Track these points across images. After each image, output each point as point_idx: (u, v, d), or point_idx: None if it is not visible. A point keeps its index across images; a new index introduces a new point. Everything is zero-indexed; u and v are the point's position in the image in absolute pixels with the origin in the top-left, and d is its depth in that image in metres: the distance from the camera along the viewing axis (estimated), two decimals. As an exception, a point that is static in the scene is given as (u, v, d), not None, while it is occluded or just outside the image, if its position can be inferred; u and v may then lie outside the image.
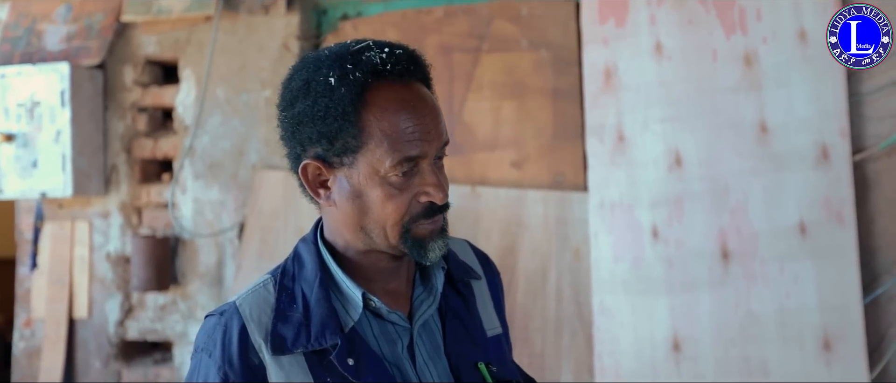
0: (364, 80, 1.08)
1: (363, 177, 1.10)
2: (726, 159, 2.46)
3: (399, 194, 1.10)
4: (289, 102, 1.13)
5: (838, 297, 2.37)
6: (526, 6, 2.80)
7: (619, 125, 2.57)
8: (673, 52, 2.53)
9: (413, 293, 1.22)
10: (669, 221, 2.49)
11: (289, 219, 2.92)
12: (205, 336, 1.16)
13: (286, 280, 1.18)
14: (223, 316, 1.16)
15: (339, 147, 1.09)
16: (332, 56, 1.11)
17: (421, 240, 1.13)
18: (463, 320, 1.24)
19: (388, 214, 1.11)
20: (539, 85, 2.77)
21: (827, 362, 2.37)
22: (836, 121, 2.40)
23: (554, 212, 2.69)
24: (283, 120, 1.15)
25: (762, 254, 2.41)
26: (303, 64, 1.14)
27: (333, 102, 1.08)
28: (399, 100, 1.09)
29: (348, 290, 1.15)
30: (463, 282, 1.27)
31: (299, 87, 1.11)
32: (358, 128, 1.08)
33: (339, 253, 1.18)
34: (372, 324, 1.16)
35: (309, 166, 1.13)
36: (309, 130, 1.10)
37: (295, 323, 1.13)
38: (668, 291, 2.48)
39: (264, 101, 3.04)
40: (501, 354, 1.30)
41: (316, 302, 1.14)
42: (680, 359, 2.45)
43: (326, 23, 3.05)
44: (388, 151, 1.08)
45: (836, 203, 2.39)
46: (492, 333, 1.29)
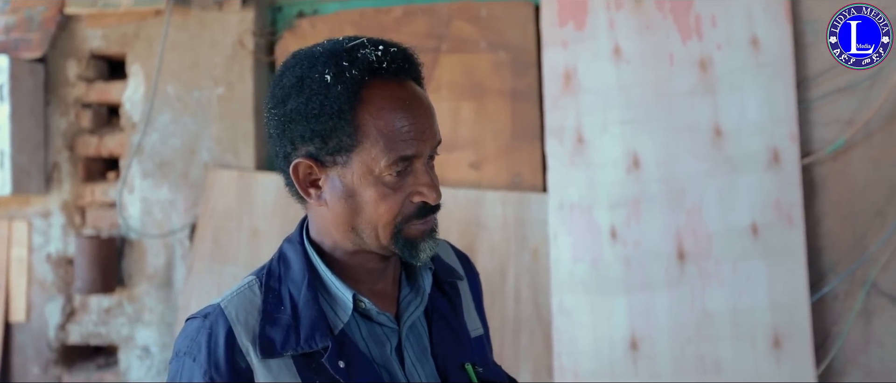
0: (360, 77, 1.06)
1: (357, 176, 1.08)
2: (682, 161, 2.51)
3: (393, 194, 1.08)
4: (280, 99, 1.10)
5: (787, 296, 2.45)
6: (485, 8, 2.81)
7: (578, 127, 2.60)
8: (631, 55, 2.57)
9: (399, 294, 1.20)
10: (627, 222, 2.53)
11: (243, 219, 2.85)
12: (188, 339, 1.12)
13: (272, 281, 1.15)
14: (207, 318, 1.12)
15: (333, 146, 1.07)
16: (326, 53, 1.08)
17: (412, 240, 1.11)
18: (449, 321, 1.23)
19: (381, 214, 1.09)
20: (498, 86, 2.78)
21: (777, 359, 2.44)
22: (786, 125, 2.48)
23: (512, 213, 2.70)
24: (272, 117, 1.11)
25: (716, 255, 2.47)
26: (295, 60, 1.11)
27: (329, 100, 1.05)
28: (395, 98, 1.07)
29: (337, 292, 1.13)
30: (449, 283, 1.26)
31: (292, 84, 1.08)
32: (353, 126, 1.05)
33: (326, 253, 1.16)
34: (360, 326, 1.14)
35: (300, 165, 1.10)
36: (301, 128, 1.07)
37: (283, 326, 1.10)
38: (626, 291, 2.52)
39: (217, 99, 2.97)
40: (484, 355, 1.29)
41: (304, 303, 1.11)
42: (637, 358, 2.50)
43: (282, 20, 3.00)
44: (384, 150, 1.06)
45: (785, 205, 2.47)
46: (475, 334, 1.29)
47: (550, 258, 2.59)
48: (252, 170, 2.91)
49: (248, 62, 2.93)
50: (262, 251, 2.83)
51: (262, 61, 2.98)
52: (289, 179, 1.14)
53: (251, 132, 2.93)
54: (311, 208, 1.15)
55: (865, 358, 2.52)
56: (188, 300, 2.87)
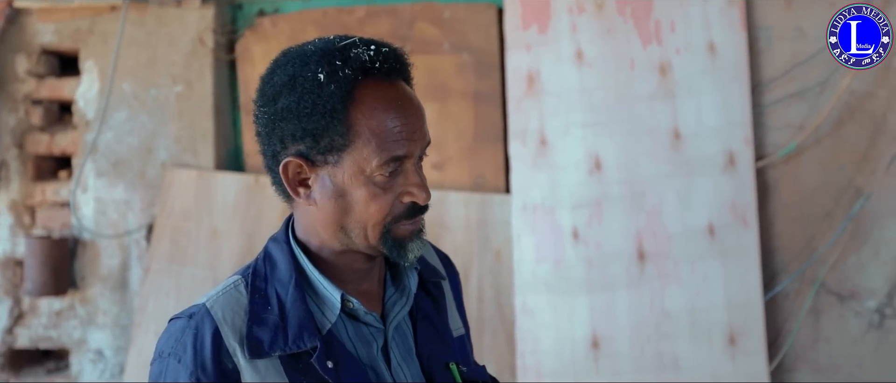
0: (354, 77, 1.06)
1: (348, 176, 1.08)
2: (643, 164, 2.57)
3: (383, 194, 1.09)
4: (270, 98, 1.09)
5: (742, 295, 2.52)
6: (448, 9, 2.82)
7: (541, 129, 2.63)
8: (593, 59, 2.62)
9: (384, 294, 1.21)
10: (589, 223, 2.58)
11: (202, 219, 2.81)
12: (172, 340, 1.10)
13: (258, 281, 1.14)
14: (192, 318, 1.10)
15: (325, 145, 1.07)
16: (318, 52, 1.08)
17: (401, 240, 1.12)
18: (433, 321, 1.24)
19: (371, 214, 1.09)
20: (461, 88, 2.80)
21: (732, 356, 2.52)
22: (741, 130, 2.56)
23: (475, 214, 2.72)
24: (261, 115, 1.11)
25: (675, 255, 2.53)
26: (286, 58, 1.10)
27: (322, 99, 1.05)
28: (387, 98, 1.07)
29: (325, 292, 1.13)
30: (433, 283, 1.27)
31: (284, 83, 1.07)
32: (346, 126, 1.06)
33: (313, 253, 1.15)
34: (347, 326, 1.14)
35: (290, 164, 1.09)
36: (292, 127, 1.07)
37: (271, 326, 1.09)
38: (588, 291, 2.56)
39: (176, 97, 2.92)
40: (466, 354, 1.31)
41: (292, 303, 1.11)
42: (599, 357, 2.54)
43: (242, 18, 2.97)
44: (376, 150, 1.06)
45: (741, 207, 2.54)
46: (457, 334, 1.30)
47: (513, 258, 2.62)
48: (211, 170, 2.87)
49: (208, 60, 2.89)
50: (222, 252, 2.79)
51: (222, 59, 2.94)
52: (277, 178, 1.13)
53: (211, 131, 2.89)
54: (299, 207, 1.15)
55: (814, 354, 2.61)
56: (145, 301, 2.81)
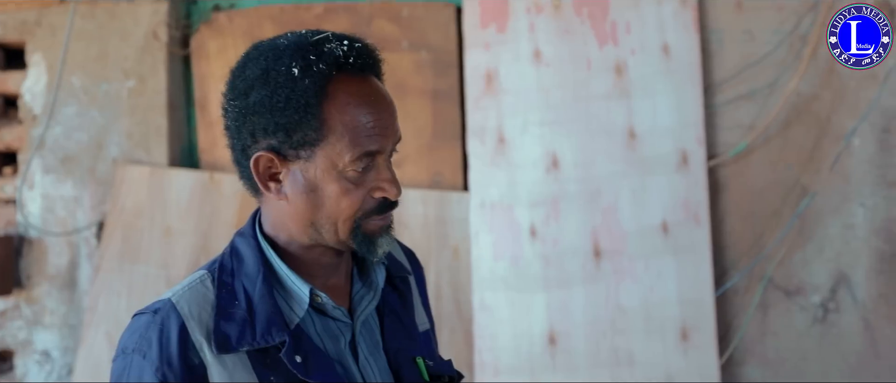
0: (328, 72, 1.06)
1: (320, 170, 1.08)
2: (599, 162, 2.61)
3: (355, 189, 1.09)
4: (242, 91, 1.08)
5: (694, 291, 2.59)
6: (406, 8, 2.82)
7: (499, 127, 2.66)
8: (551, 59, 2.65)
9: (352, 289, 1.21)
10: (546, 221, 2.61)
11: (155, 217, 2.76)
12: (136, 336, 1.09)
13: (225, 275, 1.13)
14: (158, 313, 1.09)
15: (298, 139, 1.07)
16: (292, 46, 1.08)
17: (371, 235, 1.12)
18: (400, 316, 1.25)
19: (343, 209, 1.09)
20: (419, 86, 2.81)
21: (684, 351, 2.58)
22: (693, 129, 2.62)
23: (433, 212, 2.73)
24: (232, 109, 1.10)
25: (630, 252, 2.58)
26: (258, 52, 1.10)
27: (296, 93, 1.05)
28: (361, 93, 1.08)
29: (293, 286, 1.13)
30: (400, 278, 1.28)
31: (257, 76, 1.07)
32: (319, 120, 1.06)
33: (281, 247, 1.15)
34: (315, 321, 1.14)
35: (261, 158, 1.09)
36: (264, 121, 1.07)
37: (239, 321, 1.09)
38: (545, 288, 2.59)
39: (128, 92, 2.86)
40: (432, 349, 1.32)
41: (259, 298, 1.10)
42: (555, 353, 2.57)
43: (197, 12, 2.92)
44: (349, 146, 1.06)
45: (693, 205, 2.60)
46: (422, 328, 1.31)
47: (471, 256, 2.63)
48: (165, 167, 2.82)
49: (162, 55, 2.84)
50: (176, 250, 2.75)
51: (176, 54, 2.89)
52: (246, 172, 1.13)
53: (164, 127, 2.84)
54: (268, 202, 1.15)
55: (762, 348, 2.69)
56: (95, 301, 2.75)
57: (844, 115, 2.65)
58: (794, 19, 2.68)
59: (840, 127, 2.65)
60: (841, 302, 2.66)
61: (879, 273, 2.64)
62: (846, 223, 2.65)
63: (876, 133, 2.64)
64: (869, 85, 2.63)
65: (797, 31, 2.67)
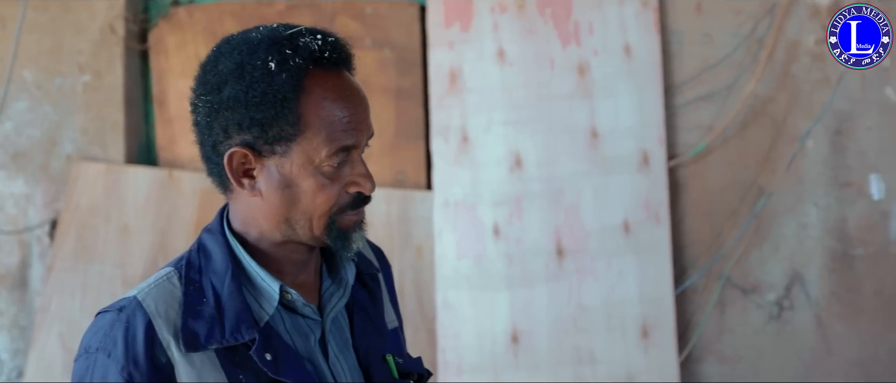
0: (305, 66, 1.05)
1: (296, 166, 1.07)
2: (561, 162, 2.64)
3: (330, 184, 1.08)
4: (214, 86, 1.06)
5: (655, 290, 2.63)
6: (370, 5, 2.81)
7: (463, 126, 2.66)
8: (514, 58, 2.67)
9: (321, 286, 1.20)
10: (510, 220, 2.62)
11: (111, 215, 2.71)
12: (100, 334, 1.06)
13: (192, 272, 1.11)
14: (123, 311, 1.07)
15: (273, 135, 1.05)
16: (266, 40, 1.07)
17: (345, 231, 1.12)
18: (369, 313, 1.24)
19: (318, 205, 1.08)
20: (382, 84, 2.80)
21: (645, 348, 2.61)
22: (654, 130, 2.66)
23: (396, 211, 2.72)
24: (204, 104, 1.08)
25: (592, 251, 2.61)
26: (231, 46, 1.08)
27: (272, 88, 1.04)
28: (337, 88, 1.07)
29: (263, 283, 1.11)
30: (369, 275, 1.27)
31: (231, 71, 1.05)
32: (296, 115, 1.04)
33: (250, 244, 1.13)
34: (284, 318, 1.13)
35: (235, 154, 1.07)
36: (238, 116, 1.05)
37: (207, 318, 1.07)
38: (509, 286, 2.60)
39: (83, 87, 2.80)
40: (401, 346, 1.31)
41: (228, 295, 1.09)
42: (518, 351, 2.59)
43: (155, 7, 2.87)
44: (325, 140, 1.06)
45: (654, 204, 2.64)
46: (391, 326, 1.30)
47: (435, 255, 2.64)
48: (121, 164, 2.77)
49: (119, 49, 2.79)
50: (133, 249, 2.70)
51: (133, 49, 2.84)
52: (215, 169, 1.11)
53: (121, 123, 2.79)
54: (239, 198, 1.13)
55: (720, 345, 2.74)
56: (48, 301, 2.69)
57: (799, 118, 2.71)
58: (751, 23, 2.73)
59: (795, 129, 2.71)
60: (795, 300, 2.72)
61: (831, 271, 2.70)
62: (800, 222, 2.72)
63: (829, 135, 2.71)
64: (822, 88, 2.70)
65: (754, 34, 2.73)
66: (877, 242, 2.68)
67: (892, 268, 2.69)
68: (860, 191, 2.69)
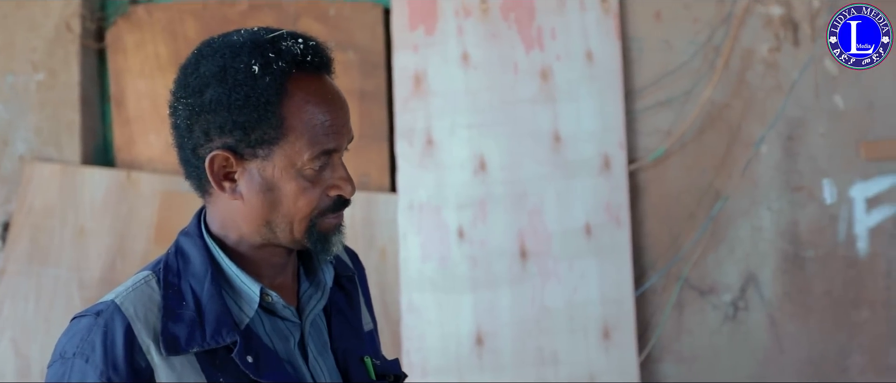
0: (288, 69, 1.06)
1: (278, 169, 1.07)
2: (525, 165, 2.67)
3: (311, 188, 1.09)
4: (196, 89, 1.06)
5: (615, 291, 2.67)
6: (333, 7, 2.81)
7: (427, 129, 2.67)
8: (479, 62, 2.69)
9: (299, 288, 1.20)
10: (474, 222, 2.64)
11: (67, 217, 2.64)
12: (77, 339, 1.05)
13: (171, 276, 1.10)
14: (101, 316, 1.06)
15: (256, 138, 1.05)
16: (248, 43, 1.07)
17: (326, 234, 1.12)
18: (346, 315, 1.25)
19: (300, 208, 1.09)
20: (346, 86, 2.76)
21: (606, 349, 2.66)
22: (615, 134, 2.71)
23: (360, 213, 2.72)
24: (184, 107, 1.08)
25: (555, 253, 2.65)
26: (212, 49, 1.08)
27: (256, 91, 1.04)
28: (319, 92, 1.08)
29: (243, 286, 1.11)
30: (346, 277, 1.28)
31: (213, 74, 1.05)
32: (279, 118, 1.05)
33: (229, 247, 1.13)
34: (264, 321, 1.13)
35: (217, 157, 1.07)
36: (221, 119, 1.05)
37: (187, 322, 1.06)
38: (473, 289, 2.62)
39: (37, 86, 2.73)
40: (376, 349, 1.32)
41: (208, 298, 1.08)
42: (482, 353, 2.61)
43: (113, 5, 2.82)
44: (308, 144, 1.06)
45: (615, 207, 2.69)
46: (367, 328, 1.31)
47: (399, 257, 2.64)
48: (77, 165, 2.70)
49: (75, 48, 2.72)
50: (90, 252, 2.63)
51: (90, 47, 2.78)
52: (195, 172, 1.10)
53: (77, 123, 2.72)
54: (218, 201, 1.12)
55: (678, 345, 2.80)
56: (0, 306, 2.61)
57: (753, 123, 2.79)
58: (708, 31, 2.80)
59: (749, 134, 2.79)
60: (750, 301, 2.80)
61: (784, 272, 2.79)
62: (755, 225, 2.80)
63: (782, 140, 2.80)
64: (775, 95, 2.79)
65: (711, 42, 2.80)
66: (826, 244, 2.78)
67: (840, 269, 2.78)
68: (811, 194, 2.78)
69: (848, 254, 2.78)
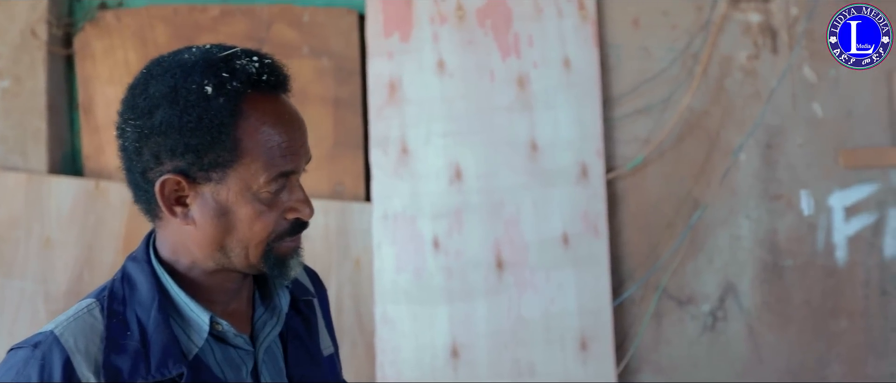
0: (242, 90, 1.02)
1: (233, 193, 1.03)
2: (501, 174, 2.62)
3: (268, 211, 1.05)
4: (145, 111, 1.02)
5: (593, 302, 2.64)
6: (308, 13, 2.75)
7: (402, 138, 2.63)
8: (454, 69, 2.65)
9: (254, 314, 1.16)
10: (450, 232, 2.60)
11: (32, 228, 2.58)
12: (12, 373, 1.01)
13: (116, 304, 1.06)
14: (38, 348, 1.01)
15: (209, 161, 1.01)
16: (201, 62, 1.02)
17: (283, 258, 1.09)
18: (304, 341, 1.21)
19: (256, 232, 1.05)
20: (320, 93, 2.74)
21: (583, 360, 2.62)
22: (593, 142, 2.67)
23: (334, 223, 2.67)
24: (133, 129, 1.03)
25: (532, 263, 2.61)
26: (162, 68, 1.04)
27: (209, 113, 1.00)
28: (274, 112, 1.04)
29: (192, 314, 1.07)
30: (304, 302, 1.24)
31: (163, 94, 1.01)
32: (233, 141, 1.01)
33: (180, 273, 1.09)
34: (215, 350, 1.09)
35: (168, 181, 1.02)
36: (172, 142, 1.00)
37: (131, 353, 1.02)
38: (448, 300, 2.58)
39: (2, 93, 2.67)
40: (337, 374, 1.29)
41: (155, 328, 1.04)
42: (458, 365, 2.56)
43: (81, 10, 2.75)
44: (263, 166, 1.02)
45: (592, 216, 2.65)
46: (326, 353, 1.27)
47: (374, 268, 2.59)
48: (44, 174, 2.64)
49: (41, 54, 2.66)
50: (56, 264, 2.57)
51: (57, 54, 2.71)
52: (144, 195, 1.06)
53: (43, 131, 2.66)
54: (168, 226, 1.08)
55: (657, 356, 2.77)
56: (-38, 319, 2.54)
57: (732, 131, 2.77)
58: (687, 38, 2.78)
59: (728, 142, 2.77)
60: (728, 311, 2.77)
61: (763, 282, 2.76)
62: (733, 234, 2.77)
63: (760, 148, 2.77)
64: (754, 103, 2.76)
65: (689, 49, 2.77)
66: (805, 253, 2.76)
67: (819, 278, 2.76)
68: (789, 203, 2.76)
69: (827, 263, 2.76)
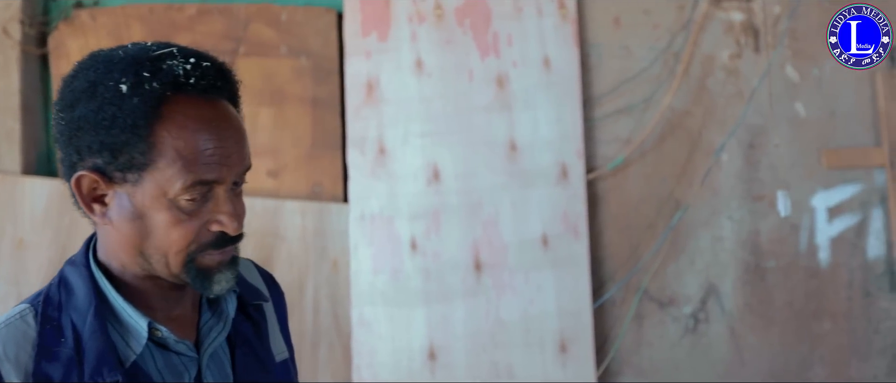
0: (162, 91, 0.98)
1: (148, 197, 0.99)
2: (480, 175, 2.60)
3: (188, 220, 1.01)
4: (68, 103, 0.99)
5: (573, 304, 2.61)
6: (285, 11, 2.73)
7: (380, 138, 2.60)
8: (433, 69, 2.62)
9: (200, 319, 1.13)
10: (427, 234, 2.57)
11: (6, 229, 2.55)
12: None
13: (51, 310, 1.03)
14: None
15: (124, 161, 0.98)
16: (127, 59, 0.99)
17: (206, 271, 1.04)
18: (253, 346, 1.17)
19: (173, 241, 1.01)
20: (298, 93, 2.71)
21: (563, 363, 2.59)
22: (573, 143, 2.65)
23: (312, 224, 2.64)
24: (59, 121, 1.01)
25: (510, 265, 2.58)
26: (91, 62, 1.01)
27: (123, 112, 0.97)
28: (200, 117, 1.00)
29: (129, 320, 1.04)
30: (254, 306, 1.20)
31: (83, 89, 0.98)
32: (148, 143, 0.97)
33: (116, 276, 1.06)
34: (155, 357, 1.05)
35: (84, 178, 1.00)
36: (89, 138, 0.98)
37: (64, 361, 0.99)
38: (426, 302, 2.55)
39: (-26, 92, 2.63)
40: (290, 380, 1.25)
41: (90, 334, 1.01)
42: (435, 368, 2.54)
43: (56, 9, 2.72)
44: (180, 172, 0.98)
45: (572, 217, 2.63)
46: (280, 358, 1.24)
47: (351, 269, 2.56)
48: (18, 174, 2.61)
49: (14, 54, 2.63)
50: (29, 264, 2.54)
51: (31, 54, 2.68)
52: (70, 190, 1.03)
53: (17, 132, 2.63)
54: (100, 227, 1.05)
55: (638, 358, 2.75)
56: (-66, 322, 2.51)
57: (714, 131, 2.74)
58: (668, 37, 2.75)
59: (710, 142, 2.74)
60: (710, 313, 2.75)
61: (745, 283, 2.74)
62: (715, 235, 2.75)
63: (743, 148, 2.75)
64: (736, 103, 2.74)
65: (671, 48, 2.75)
66: (787, 254, 2.73)
67: (802, 279, 2.74)
68: (771, 204, 2.74)
69: (809, 264, 2.73)
